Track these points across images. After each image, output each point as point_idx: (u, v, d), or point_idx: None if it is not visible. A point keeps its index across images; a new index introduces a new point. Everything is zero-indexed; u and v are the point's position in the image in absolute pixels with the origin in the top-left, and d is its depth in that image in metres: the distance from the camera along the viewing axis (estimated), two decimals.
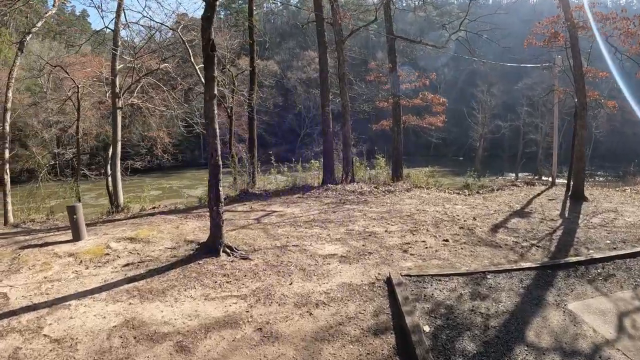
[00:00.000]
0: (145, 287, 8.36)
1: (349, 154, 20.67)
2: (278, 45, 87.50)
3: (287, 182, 20.90)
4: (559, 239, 11.81)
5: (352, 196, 17.67)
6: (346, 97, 20.91)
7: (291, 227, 12.69)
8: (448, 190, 21.31)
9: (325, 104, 20.37)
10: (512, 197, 18.88)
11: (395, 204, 16.21)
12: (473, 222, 13.55)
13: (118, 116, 22.33)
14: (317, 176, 21.46)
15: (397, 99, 23.62)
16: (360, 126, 45.49)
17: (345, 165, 20.58)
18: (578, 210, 15.99)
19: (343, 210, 14.86)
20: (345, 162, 20.64)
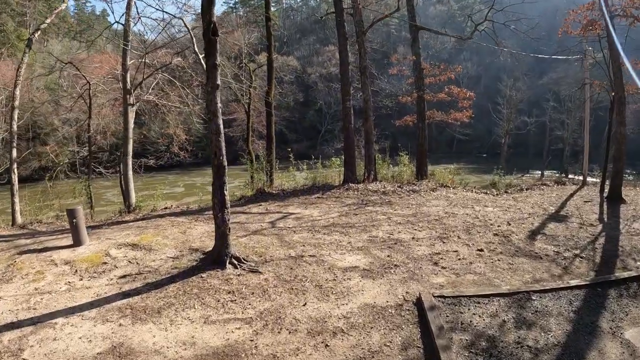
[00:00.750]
0: (139, 305, 7.39)
1: (371, 151, 19.49)
2: (298, 42, 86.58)
3: (306, 180, 19.82)
4: (602, 248, 10.76)
5: (375, 196, 16.53)
6: (368, 91, 19.73)
7: (308, 232, 11.61)
8: (475, 189, 20.12)
9: (346, 99, 19.23)
10: (544, 198, 17.73)
11: (422, 205, 15.04)
12: (507, 227, 12.37)
13: (129, 113, 21.57)
14: (337, 174, 20.26)
15: (422, 93, 22.34)
16: (382, 122, 44.30)
17: (367, 163, 19.40)
18: (617, 213, 14.99)
19: (365, 213, 13.74)
20: (367, 159, 19.46)
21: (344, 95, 19.47)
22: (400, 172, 21.54)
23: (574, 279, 8.54)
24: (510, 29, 21.56)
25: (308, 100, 73.08)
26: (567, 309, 7.27)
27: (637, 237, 11.60)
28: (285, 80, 62.71)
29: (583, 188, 20.96)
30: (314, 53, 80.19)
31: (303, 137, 68.53)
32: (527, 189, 20.85)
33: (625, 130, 17.38)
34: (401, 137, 47.64)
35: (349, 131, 19.20)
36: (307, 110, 72.99)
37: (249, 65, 30.42)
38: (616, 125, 17.32)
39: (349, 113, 19.16)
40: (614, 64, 16.76)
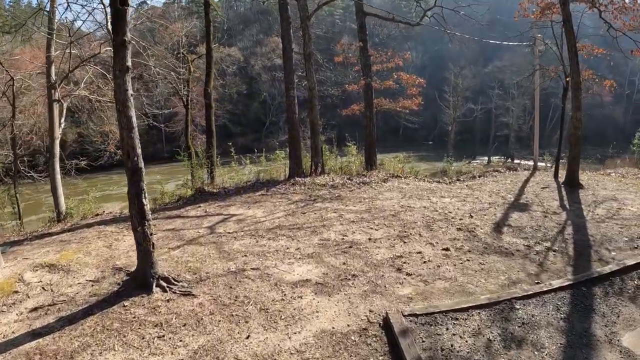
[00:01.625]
0: (50, 348, 5.81)
1: (317, 142, 18.20)
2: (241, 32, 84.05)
3: (250, 176, 18.29)
4: (572, 238, 10.16)
5: (324, 191, 15.26)
6: (313, 79, 18.41)
7: (251, 238, 10.15)
8: (427, 178, 19.30)
9: (289, 87, 17.84)
10: (499, 186, 17.21)
11: (374, 199, 13.91)
12: (470, 220, 11.48)
13: (54, 110, 19.53)
14: (283, 168, 18.88)
15: (369, 80, 21.25)
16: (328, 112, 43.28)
17: (313, 155, 18.10)
18: (577, 199, 14.66)
19: (314, 211, 12.44)
20: (313, 151, 18.16)
21: (287, 84, 18.08)
22: (348, 163, 20.39)
23: (553, 277, 7.83)
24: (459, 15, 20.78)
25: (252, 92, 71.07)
26: (555, 316, 6.44)
27: (604, 224, 11.24)
28: (228, 72, 60.87)
29: (535, 173, 20.70)
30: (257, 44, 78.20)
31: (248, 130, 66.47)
32: (479, 176, 20.37)
33: (581, 115, 17.11)
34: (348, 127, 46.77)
35: (293, 122, 17.84)
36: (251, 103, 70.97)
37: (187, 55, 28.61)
38: (573, 111, 17.01)
39: (293, 102, 17.81)
40: (571, 49, 16.37)
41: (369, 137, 21.84)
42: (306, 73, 18.61)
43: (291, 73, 17.91)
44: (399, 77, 22.64)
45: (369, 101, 21.70)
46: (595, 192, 15.74)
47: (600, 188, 16.70)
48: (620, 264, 8.21)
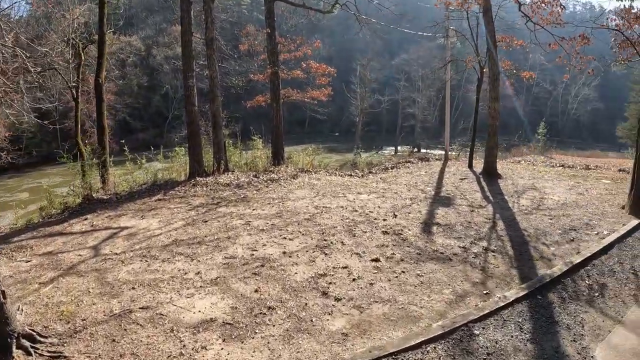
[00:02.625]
0: None
1: (220, 137, 16.25)
2: (143, 21, 78.53)
3: (147, 177, 15.90)
4: (506, 234, 9.69)
5: (228, 192, 13.43)
6: (215, 68, 16.45)
7: (142, 261, 8.11)
8: (339, 172, 18.16)
9: (188, 76, 15.72)
10: (415, 178, 16.51)
11: (285, 199, 12.41)
12: (395, 220, 10.37)
13: None
14: (184, 167, 16.71)
15: (276, 69, 19.63)
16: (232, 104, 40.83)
17: (216, 152, 16.14)
18: (499, 190, 14.35)
19: (218, 218, 10.65)
20: (216, 147, 16.19)
21: (185, 72, 15.93)
22: (254, 159, 18.74)
23: (501, 284, 7.16)
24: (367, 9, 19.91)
25: (153, 84, 65.81)
26: (521, 338, 5.67)
27: (533, 216, 11.08)
28: (129, 63, 56.60)
29: (448, 163, 20.39)
30: (160, 32, 73.19)
31: (149, 125, 61.51)
32: (392, 167, 19.53)
33: (499, 106, 17.11)
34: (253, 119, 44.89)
35: (192, 115, 15.72)
36: (153, 95, 65.81)
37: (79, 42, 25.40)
38: (490, 101, 16.92)
39: (192, 93, 15.73)
40: (491, 40, 16.33)
41: (275, 130, 20.26)
42: (207, 60, 16.64)
43: (190, 59, 15.83)
44: (308, 66, 21.20)
45: (275, 92, 20.10)
46: (514, 182, 15.66)
47: (517, 177, 16.74)
48: (568, 264, 7.80)
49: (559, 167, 21.36)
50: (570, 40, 14.66)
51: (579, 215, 11.09)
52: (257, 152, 19.19)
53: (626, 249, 8.93)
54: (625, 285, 7.36)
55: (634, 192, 11.70)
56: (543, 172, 18.37)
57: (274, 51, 19.81)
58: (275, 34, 19.99)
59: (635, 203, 11.51)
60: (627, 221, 10.66)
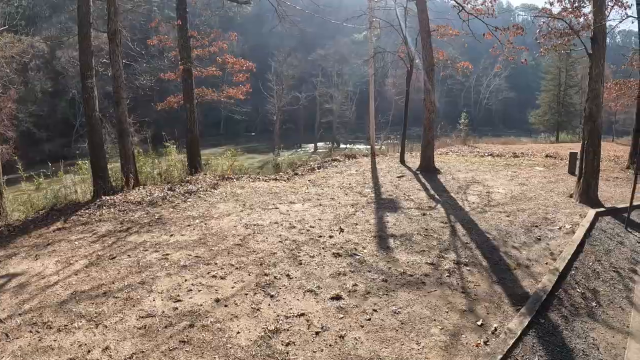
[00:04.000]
0: None
1: (128, 146, 13.70)
2: (47, 20, 72.17)
3: (47, 200, 12.86)
4: (470, 239, 8.67)
5: (140, 212, 11.00)
6: (119, 65, 13.82)
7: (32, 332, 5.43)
8: (262, 176, 16.30)
9: (87, 75, 12.84)
10: (348, 178, 15.12)
11: (207, 217, 10.25)
12: (343, 236, 8.68)
13: None
14: (89, 184, 13.60)
15: (189, 65, 17.34)
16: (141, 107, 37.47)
17: (124, 163, 13.61)
18: (442, 187, 13.53)
19: (128, 251, 8.21)
20: (123, 157, 13.64)
21: (83, 71, 13.02)
22: (169, 168, 16.35)
23: (491, 308, 5.98)
24: None
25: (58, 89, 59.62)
26: None
27: (488, 214, 10.44)
28: (31, 67, 51.22)
29: (376, 160, 19.25)
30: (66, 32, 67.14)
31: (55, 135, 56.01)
32: (318, 167, 17.96)
33: (435, 98, 16.56)
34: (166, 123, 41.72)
35: (93, 122, 12.94)
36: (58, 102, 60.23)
37: None
38: (426, 94, 16.16)
39: (92, 96, 12.99)
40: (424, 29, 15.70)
41: (190, 134, 17.96)
42: (110, 57, 14.08)
43: (88, 56, 13.09)
44: (225, 61, 19.03)
45: (188, 91, 17.83)
46: (454, 176, 15.05)
47: (455, 171, 16.16)
48: (553, 272, 6.99)
49: (487, 156, 21.23)
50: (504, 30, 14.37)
51: (533, 209, 10.81)
52: (171, 160, 16.90)
53: (597, 244, 8.71)
54: (614, 287, 7.01)
55: (582, 180, 11.76)
56: (477, 164, 18.00)
57: (186, 46, 17.52)
58: (187, 26, 17.71)
59: (585, 191, 11.64)
60: (582, 211, 10.70)
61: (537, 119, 54.91)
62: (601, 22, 11.43)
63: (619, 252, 8.52)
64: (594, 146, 11.62)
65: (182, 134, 18.65)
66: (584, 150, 11.76)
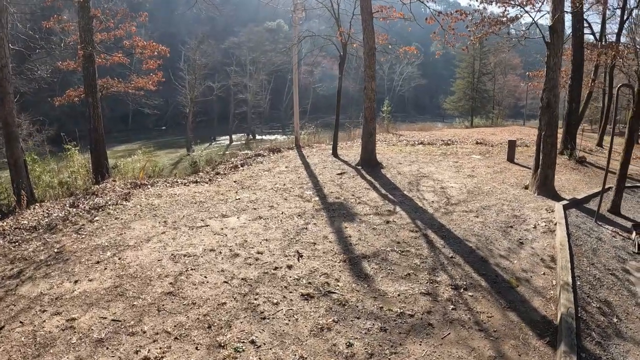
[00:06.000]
0: None
1: (18, 154, 11.00)
2: None
3: None
4: (453, 252, 7.48)
5: (36, 242, 8.36)
6: (5, 51, 10.98)
7: None
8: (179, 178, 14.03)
9: None
10: (281, 177, 13.33)
11: (122, 246, 7.89)
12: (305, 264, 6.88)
13: None
14: None
15: (90, 50, 14.36)
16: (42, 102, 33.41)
17: (14, 176, 11.03)
18: (389, 183, 12.37)
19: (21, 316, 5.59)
20: (13, 169, 11.03)
21: None
22: (71, 174, 13.86)
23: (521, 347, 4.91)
24: None
25: None
26: None
27: (455, 215, 9.51)
28: None
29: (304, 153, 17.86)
30: None
31: None
32: (242, 164, 15.83)
33: (375, 85, 15.09)
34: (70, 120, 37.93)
35: None
36: None
37: None
38: (366, 80, 14.92)
39: None
40: (365, 12, 14.22)
41: (94, 134, 15.08)
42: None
43: None
44: (134, 44, 16.27)
45: (90, 82, 14.93)
46: (399, 170, 13.99)
47: (395, 163, 15.16)
48: (565, 288, 6.05)
49: (419, 145, 20.47)
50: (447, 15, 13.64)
51: (497, 205, 10.26)
52: (73, 166, 14.27)
53: (580, 244, 8.24)
54: (620, 294, 6.46)
55: (540, 171, 11.57)
56: (414, 154, 17.14)
57: (88, 27, 14.65)
58: (90, 4, 14.89)
59: (543, 183, 11.46)
60: (545, 204, 10.48)
61: (451, 104, 56.05)
62: (561, 12, 11.12)
63: (604, 251, 8.06)
64: (551, 137, 11.39)
65: (85, 132, 15.90)
66: (542, 140, 11.52)
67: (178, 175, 15.66)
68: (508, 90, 56.32)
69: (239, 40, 61.06)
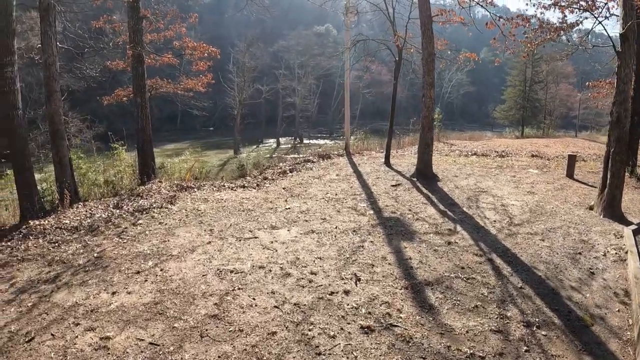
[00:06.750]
0: None
1: (63, 152, 10.80)
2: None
3: None
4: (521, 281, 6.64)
5: (75, 244, 8.06)
6: (53, 50, 10.87)
7: None
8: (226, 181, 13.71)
9: (6, 61, 9.84)
10: (332, 186, 12.67)
11: (164, 255, 7.43)
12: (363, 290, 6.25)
13: None
14: None
15: (139, 50, 14.19)
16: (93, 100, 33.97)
17: (59, 174, 10.76)
18: (447, 198, 11.49)
19: (53, 328, 5.17)
20: (58, 167, 10.76)
21: (2, 57, 9.82)
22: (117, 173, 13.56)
23: None
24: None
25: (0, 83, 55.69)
26: None
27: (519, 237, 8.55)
28: None
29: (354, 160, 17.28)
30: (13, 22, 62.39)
31: None
32: (290, 170, 15.32)
33: (433, 93, 14.22)
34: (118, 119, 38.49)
35: (14, 121, 9.88)
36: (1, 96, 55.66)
37: None
38: (425, 88, 14.01)
39: (13, 88, 9.87)
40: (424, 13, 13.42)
41: (141, 134, 14.90)
42: (41, 39, 11.10)
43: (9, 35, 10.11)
44: (184, 45, 16.09)
45: (139, 82, 14.73)
46: (456, 184, 13.04)
47: (451, 176, 14.27)
48: None
49: (472, 155, 19.54)
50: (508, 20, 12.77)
51: (563, 228, 9.22)
52: (119, 165, 14.04)
53: None
54: None
55: (607, 192, 10.57)
56: (469, 166, 16.22)
57: (138, 28, 14.48)
58: (140, 4, 14.72)
59: (609, 204, 10.44)
60: (613, 228, 9.42)
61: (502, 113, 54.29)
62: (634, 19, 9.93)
63: None
64: (621, 155, 10.33)
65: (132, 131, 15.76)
66: (611, 158, 10.49)
67: (225, 178, 15.30)
68: (560, 99, 54.07)
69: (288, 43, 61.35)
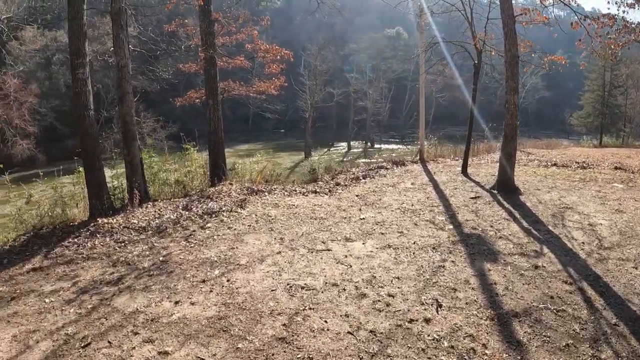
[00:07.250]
0: None
1: (134, 152, 10.82)
2: None
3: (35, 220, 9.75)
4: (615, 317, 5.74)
5: (142, 245, 8.04)
6: (125, 52, 10.95)
7: None
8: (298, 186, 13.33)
9: (77, 64, 10.04)
10: (408, 196, 11.97)
11: (231, 264, 7.14)
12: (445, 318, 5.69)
13: None
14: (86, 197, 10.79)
15: (212, 52, 14.35)
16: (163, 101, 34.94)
17: (129, 174, 10.81)
18: (531, 214, 10.48)
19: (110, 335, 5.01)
20: (129, 166, 10.77)
21: (74, 59, 9.95)
22: (188, 173, 13.58)
23: None
24: None
25: None
26: None
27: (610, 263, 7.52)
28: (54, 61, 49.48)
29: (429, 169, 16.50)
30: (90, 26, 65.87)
31: None
32: (363, 176, 14.70)
33: (517, 97, 13.16)
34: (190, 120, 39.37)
35: (85, 122, 9.95)
36: None
37: None
38: (509, 93, 13.03)
39: (84, 89, 9.90)
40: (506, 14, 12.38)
41: (213, 136, 15.12)
42: (114, 42, 11.28)
43: (80, 38, 10.24)
44: (256, 47, 16.05)
45: (211, 85, 14.90)
46: (539, 198, 11.94)
47: (533, 189, 13.10)
48: None
49: (552, 166, 18.11)
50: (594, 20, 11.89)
51: None
52: (191, 165, 14.05)
53: None
54: None
55: None
56: (550, 178, 14.98)
57: (209, 31, 14.58)
58: (211, 7, 14.78)
59: None
60: None
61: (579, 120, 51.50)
62: None
63: None
64: None
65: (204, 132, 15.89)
66: None
67: (296, 181, 15.05)
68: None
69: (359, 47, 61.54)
